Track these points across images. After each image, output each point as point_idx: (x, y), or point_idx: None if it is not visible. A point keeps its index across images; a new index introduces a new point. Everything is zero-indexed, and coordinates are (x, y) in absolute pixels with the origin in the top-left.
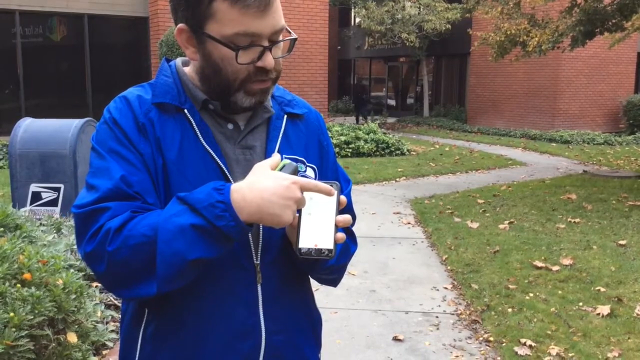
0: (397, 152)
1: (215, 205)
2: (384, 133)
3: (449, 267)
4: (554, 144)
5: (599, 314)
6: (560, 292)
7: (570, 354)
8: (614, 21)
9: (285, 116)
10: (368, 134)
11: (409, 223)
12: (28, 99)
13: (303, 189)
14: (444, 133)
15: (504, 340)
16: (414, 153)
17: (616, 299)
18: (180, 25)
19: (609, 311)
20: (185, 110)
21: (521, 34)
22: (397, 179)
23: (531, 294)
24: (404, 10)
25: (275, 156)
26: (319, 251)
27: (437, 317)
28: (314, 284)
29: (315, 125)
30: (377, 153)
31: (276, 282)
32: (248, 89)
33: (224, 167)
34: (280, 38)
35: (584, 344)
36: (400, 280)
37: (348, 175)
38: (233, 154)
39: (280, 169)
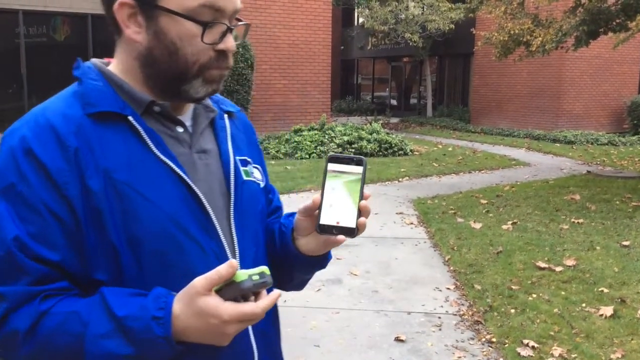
0: (400, 152)
1: (155, 341)
2: (387, 133)
3: (451, 268)
4: (558, 144)
5: (602, 315)
6: (563, 292)
7: (573, 355)
8: (618, 21)
9: (226, 115)
10: (371, 134)
11: (411, 223)
12: (31, 98)
13: (239, 320)
14: (447, 133)
15: (506, 341)
16: (417, 153)
17: (619, 300)
18: None
19: (612, 312)
20: (130, 118)
21: (525, 34)
22: (400, 179)
23: (534, 295)
24: (407, 10)
25: (225, 267)
26: (341, 229)
27: (439, 317)
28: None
29: (248, 123)
30: (380, 153)
31: None
32: (208, 76)
33: (185, 178)
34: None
35: (587, 345)
36: (403, 280)
37: None
38: (190, 160)
39: (221, 288)
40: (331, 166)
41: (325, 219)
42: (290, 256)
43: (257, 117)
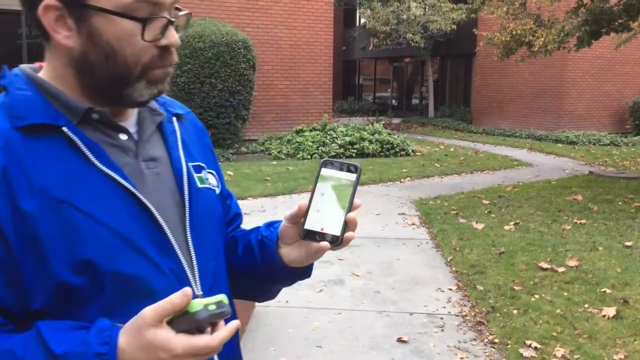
0: (402, 152)
1: None
2: (389, 134)
3: (453, 268)
4: (560, 145)
5: (604, 315)
6: (565, 293)
7: (575, 356)
8: (620, 21)
9: (174, 118)
10: (373, 134)
11: (413, 224)
12: None
13: (193, 354)
14: (449, 134)
15: (509, 341)
16: (418, 154)
17: (622, 300)
18: (48, 0)
19: (614, 313)
20: (64, 128)
21: (527, 34)
22: (402, 180)
23: (537, 296)
24: (409, 11)
25: (179, 296)
26: (324, 236)
27: (441, 318)
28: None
29: (199, 126)
30: (382, 154)
31: None
32: (151, 77)
33: (133, 190)
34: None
35: (590, 345)
36: (405, 281)
37: None
38: (137, 170)
39: (172, 319)
40: (324, 171)
41: (310, 224)
42: (274, 268)
43: (258, 118)
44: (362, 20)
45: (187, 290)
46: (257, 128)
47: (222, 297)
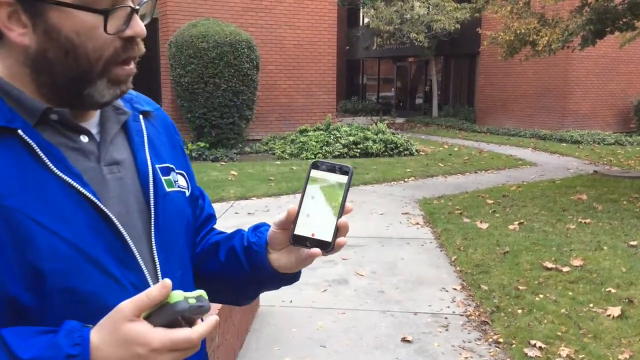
0: (406, 152)
1: None
2: (393, 133)
3: (458, 268)
4: (564, 144)
5: (609, 315)
6: (570, 293)
7: (580, 356)
8: (624, 20)
9: (141, 116)
10: (377, 134)
11: (417, 223)
12: None
13: (171, 348)
14: (453, 133)
15: (513, 341)
16: (422, 153)
17: (627, 300)
18: None
19: (619, 312)
20: (20, 131)
21: (531, 33)
22: (406, 179)
23: (541, 295)
24: (412, 10)
25: (157, 288)
26: (315, 242)
27: (446, 318)
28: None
29: (169, 122)
30: (386, 153)
31: None
32: (114, 76)
33: (93, 198)
34: None
35: (595, 345)
36: (409, 281)
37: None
38: (99, 176)
39: (150, 314)
40: (314, 173)
41: (300, 230)
42: (262, 274)
43: (262, 118)
44: (366, 20)
45: (166, 281)
46: (260, 128)
47: (202, 292)
